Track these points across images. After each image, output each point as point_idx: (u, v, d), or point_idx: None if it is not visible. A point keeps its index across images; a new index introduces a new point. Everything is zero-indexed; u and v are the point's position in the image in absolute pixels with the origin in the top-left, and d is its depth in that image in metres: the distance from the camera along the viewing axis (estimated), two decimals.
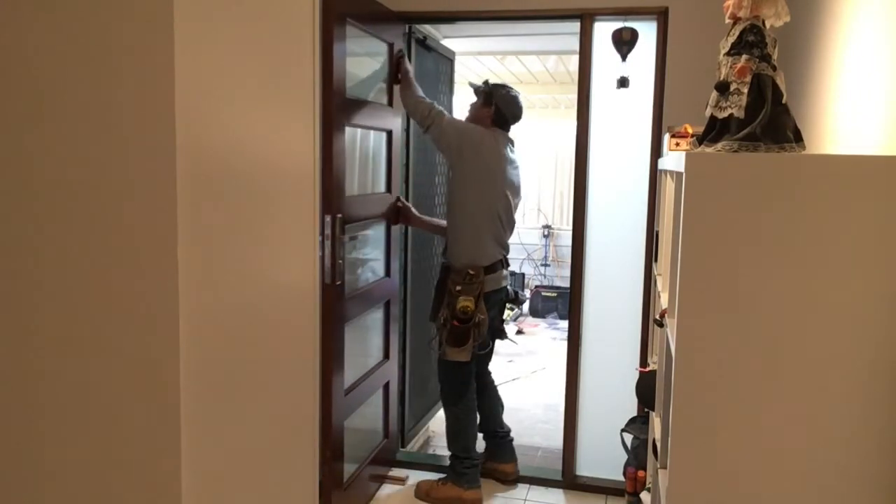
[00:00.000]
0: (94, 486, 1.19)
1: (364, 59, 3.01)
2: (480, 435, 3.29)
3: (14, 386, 1.20)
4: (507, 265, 3.18)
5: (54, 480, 1.20)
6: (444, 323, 2.97)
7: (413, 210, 3.35)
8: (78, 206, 1.13)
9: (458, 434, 3.11)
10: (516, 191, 3.16)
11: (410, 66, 3.15)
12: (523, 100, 3.17)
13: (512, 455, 3.32)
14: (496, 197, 3.02)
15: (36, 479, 1.21)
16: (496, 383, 3.40)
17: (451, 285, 2.96)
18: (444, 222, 3.21)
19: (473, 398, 3.15)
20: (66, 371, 1.17)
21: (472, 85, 3.17)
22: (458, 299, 2.93)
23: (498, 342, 3.27)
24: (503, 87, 3.15)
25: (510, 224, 3.14)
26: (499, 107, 3.07)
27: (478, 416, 3.21)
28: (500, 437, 3.32)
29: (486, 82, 3.16)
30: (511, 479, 3.28)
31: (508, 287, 3.20)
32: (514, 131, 3.17)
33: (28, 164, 1.15)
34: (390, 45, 3.14)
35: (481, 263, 2.98)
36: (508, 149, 3.10)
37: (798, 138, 1.31)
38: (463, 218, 3.01)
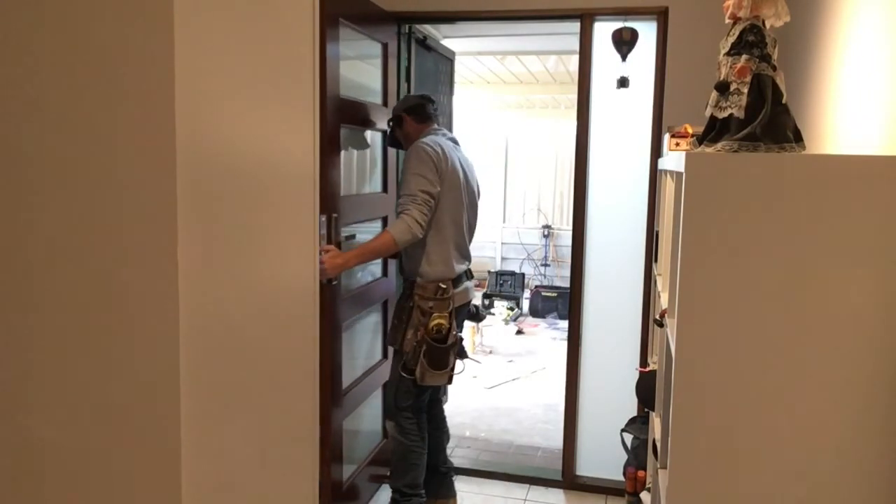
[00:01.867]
0: (93, 486, 1.19)
1: (358, 60, 3.01)
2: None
3: (13, 385, 1.19)
4: (471, 276, 2.98)
5: (53, 480, 1.20)
6: (419, 344, 2.69)
7: None
8: (78, 206, 1.13)
9: (407, 468, 2.84)
10: (476, 195, 2.97)
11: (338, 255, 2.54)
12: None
13: (452, 490, 3.06)
14: (460, 211, 2.81)
15: (34, 479, 1.21)
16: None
17: (421, 302, 2.70)
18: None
19: (426, 427, 2.92)
20: (64, 371, 1.17)
21: (390, 126, 2.96)
22: (430, 317, 2.67)
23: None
24: (398, 106, 2.94)
25: (471, 231, 2.95)
26: (407, 109, 2.84)
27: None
28: (441, 474, 3.04)
29: (389, 121, 2.95)
30: None
31: (472, 303, 2.98)
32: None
33: (28, 163, 1.15)
34: (384, 45, 3.14)
35: (449, 276, 2.74)
36: (459, 152, 2.85)
37: (798, 138, 1.31)
38: (427, 234, 2.71)
